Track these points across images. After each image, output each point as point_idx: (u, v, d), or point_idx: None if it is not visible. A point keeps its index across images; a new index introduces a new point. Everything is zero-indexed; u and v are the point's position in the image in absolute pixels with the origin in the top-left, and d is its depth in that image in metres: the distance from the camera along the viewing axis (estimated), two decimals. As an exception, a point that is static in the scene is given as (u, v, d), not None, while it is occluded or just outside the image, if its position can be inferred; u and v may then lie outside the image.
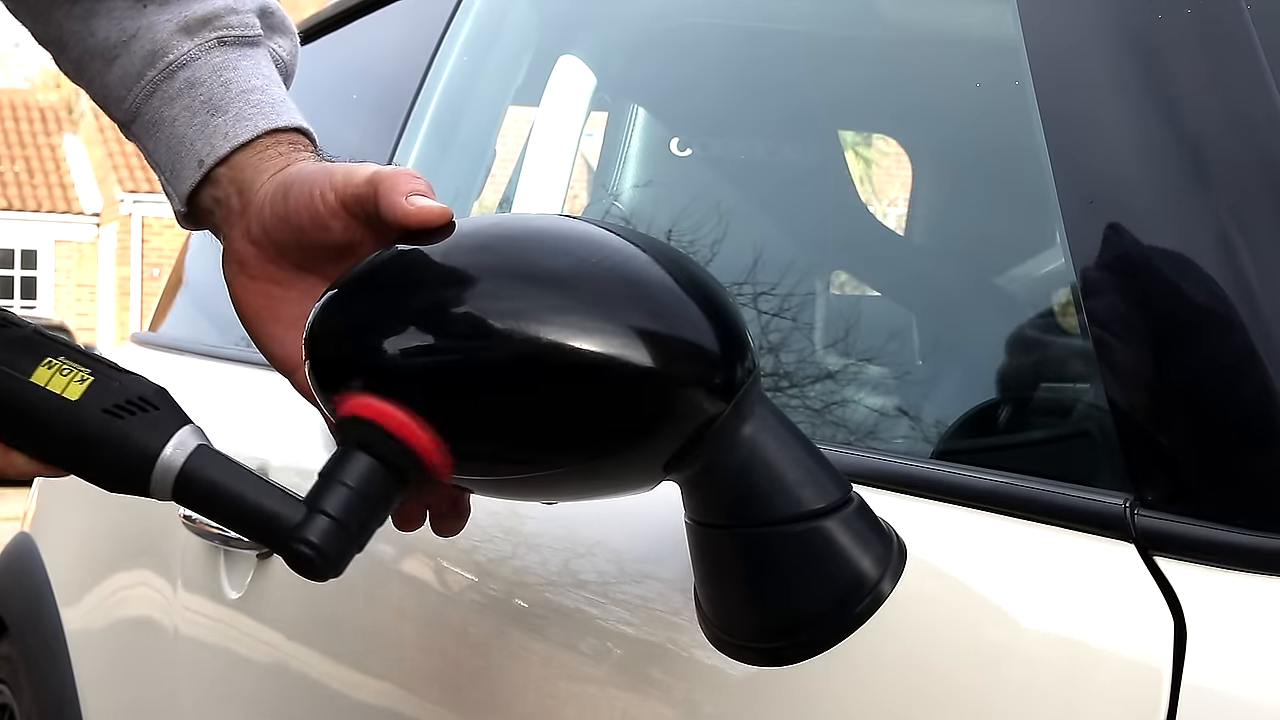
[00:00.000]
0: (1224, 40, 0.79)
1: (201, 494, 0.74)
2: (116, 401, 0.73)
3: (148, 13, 0.92)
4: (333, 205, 0.84)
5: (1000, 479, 0.81)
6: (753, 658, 0.82)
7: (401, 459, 0.73)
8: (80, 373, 0.74)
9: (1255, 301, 0.73)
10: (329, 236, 0.84)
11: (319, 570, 0.72)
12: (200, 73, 0.91)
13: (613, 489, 0.80)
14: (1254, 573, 0.67)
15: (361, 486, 0.72)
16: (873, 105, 1.76)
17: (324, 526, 0.72)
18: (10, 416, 0.74)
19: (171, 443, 0.74)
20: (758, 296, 1.19)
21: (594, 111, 1.69)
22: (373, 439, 0.73)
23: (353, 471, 0.73)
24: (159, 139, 0.92)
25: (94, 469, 0.74)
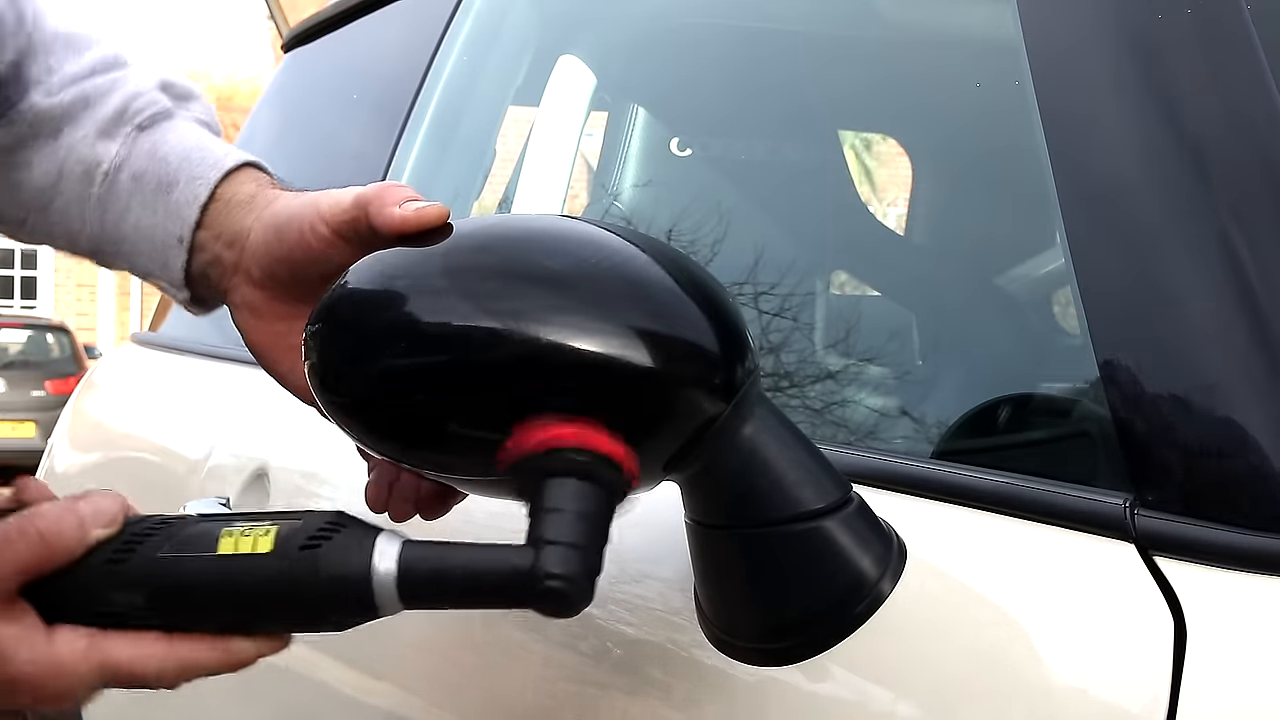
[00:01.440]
0: (1224, 40, 0.79)
1: (428, 587, 0.70)
2: (308, 534, 0.71)
3: (62, 141, 0.93)
4: (326, 236, 0.84)
5: (1000, 479, 0.81)
6: (753, 658, 0.82)
7: (603, 470, 0.70)
8: (261, 528, 0.72)
9: (1255, 301, 0.73)
10: (328, 266, 0.84)
11: (573, 600, 0.67)
12: (137, 164, 0.92)
13: (613, 489, 0.80)
14: (1254, 573, 0.67)
15: (575, 506, 0.68)
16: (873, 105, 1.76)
17: (559, 555, 0.67)
18: (217, 596, 0.71)
19: (375, 552, 0.70)
20: (758, 296, 1.19)
21: (594, 111, 1.69)
22: (562, 463, 0.69)
23: (559, 497, 0.69)
24: (134, 245, 0.93)
25: (315, 612, 0.71)
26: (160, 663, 0.72)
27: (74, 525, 0.72)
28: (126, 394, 2.30)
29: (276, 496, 1.48)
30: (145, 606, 0.72)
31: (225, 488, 1.59)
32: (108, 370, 2.50)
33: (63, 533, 0.72)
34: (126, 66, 0.97)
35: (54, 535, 0.71)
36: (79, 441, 2.35)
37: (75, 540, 0.72)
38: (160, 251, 0.91)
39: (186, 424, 1.89)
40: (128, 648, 0.72)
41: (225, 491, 1.59)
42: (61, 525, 0.72)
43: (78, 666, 0.71)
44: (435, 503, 0.87)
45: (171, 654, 0.72)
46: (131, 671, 0.72)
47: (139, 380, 2.28)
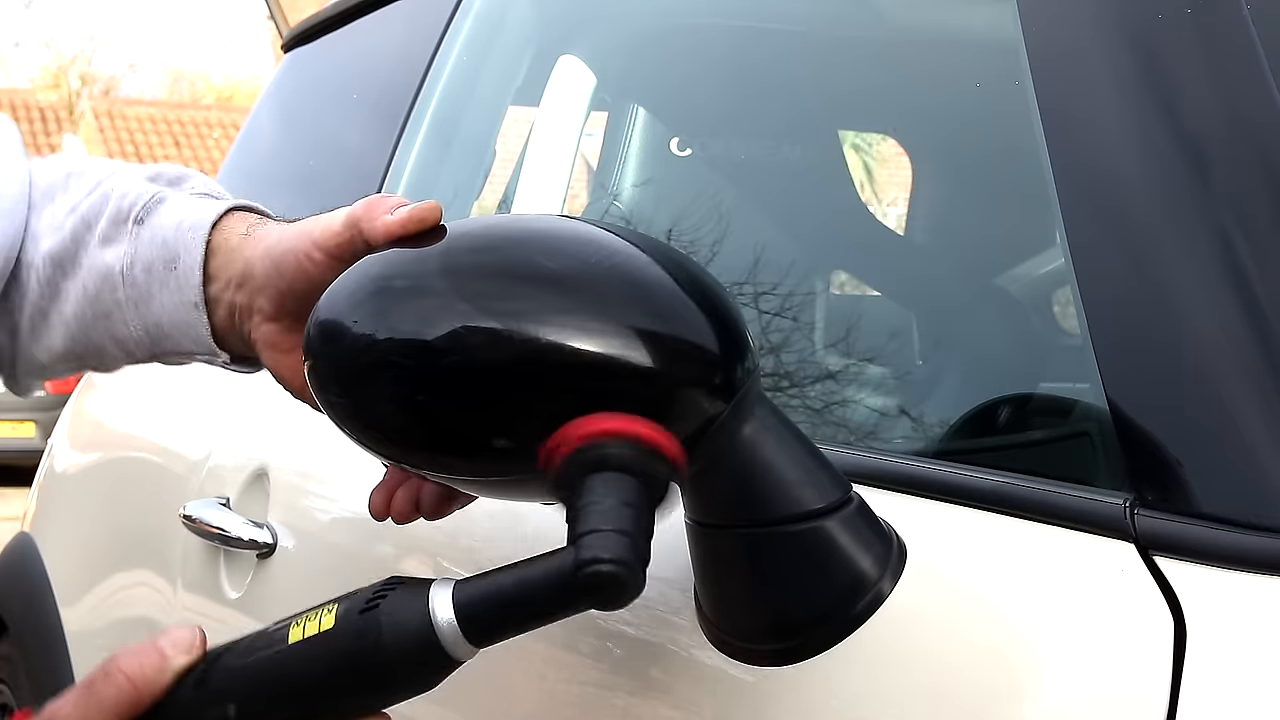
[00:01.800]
0: (1224, 40, 0.79)
1: (489, 619, 0.70)
2: (365, 601, 0.71)
3: (80, 266, 0.96)
4: (322, 261, 0.85)
5: (1000, 479, 0.81)
6: (753, 658, 0.82)
7: (644, 461, 0.68)
8: (322, 608, 0.72)
9: (1255, 301, 0.73)
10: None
11: (623, 580, 0.64)
12: (145, 255, 0.94)
13: (612, 489, 0.80)
14: (1254, 573, 0.67)
15: (615, 497, 0.66)
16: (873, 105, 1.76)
17: (600, 540, 0.65)
18: (297, 684, 0.71)
19: (430, 600, 0.70)
20: (758, 296, 1.19)
21: (594, 111, 1.69)
22: (600, 457, 0.68)
23: (597, 492, 0.66)
24: (170, 330, 0.95)
25: (392, 673, 0.70)
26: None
27: (156, 660, 0.72)
28: (126, 394, 2.30)
29: (276, 496, 1.48)
30: (238, 717, 0.72)
31: (225, 488, 1.59)
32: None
33: (145, 670, 0.72)
34: (113, 175, 1.00)
35: (138, 674, 0.71)
36: (79, 441, 2.35)
37: (159, 674, 0.72)
38: (189, 326, 0.93)
39: (186, 424, 1.89)
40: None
41: (225, 491, 1.59)
42: (144, 663, 0.72)
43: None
44: (438, 505, 0.87)
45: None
46: None
47: (139, 380, 2.28)
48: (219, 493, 1.60)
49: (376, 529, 1.34)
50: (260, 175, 2.34)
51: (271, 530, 1.45)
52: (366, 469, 0.91)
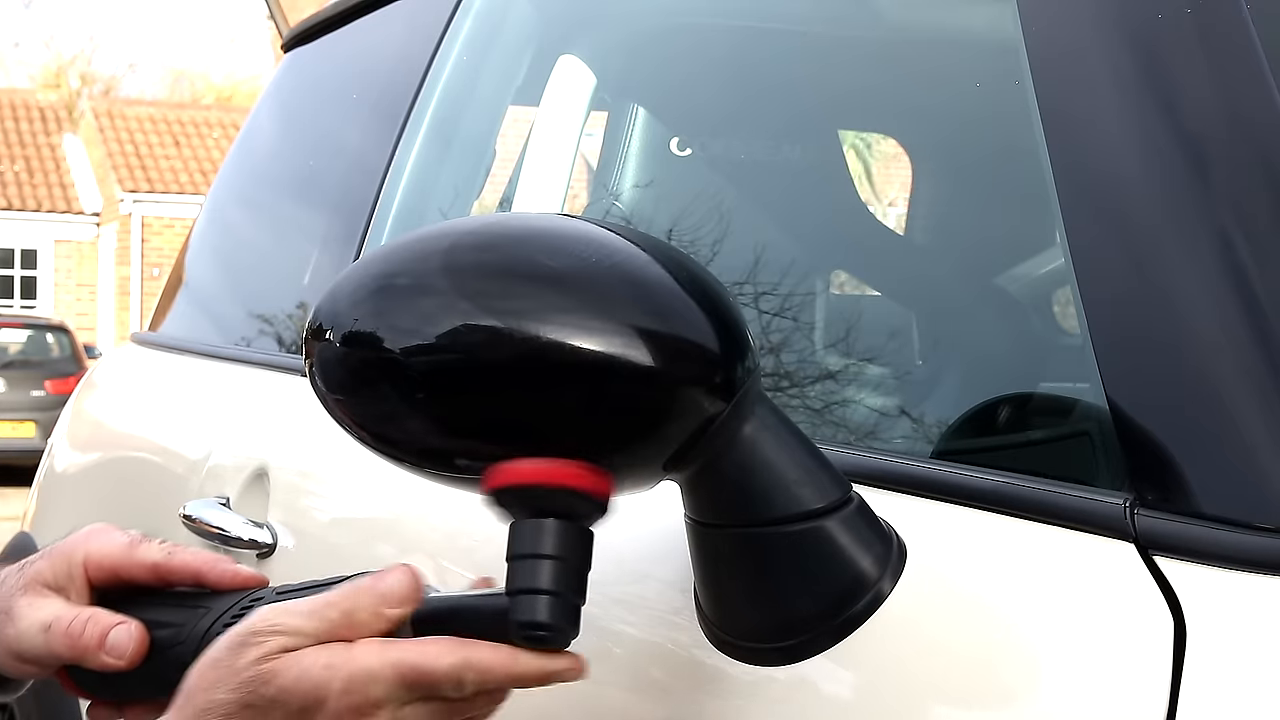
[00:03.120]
0: (1224, 40, 0.79)
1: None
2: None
3: None
4: (25, 669, 0.92)
5: (1000, 479, 0.81)
6: (752, 657, 0.82)
7: (574, 503, 0.73)
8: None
9: (1255, 301, 0.73)
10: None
11: (553, 642, 0.74)
12: None
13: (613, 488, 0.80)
14: (1254, 573, 0.67)
15: (547, 549, 0.73)
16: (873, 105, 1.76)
17: (531, 605, 0.73)
18: None
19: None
20: (758, 296, 1.19)
21: (594, 111, 1.69)
22: (533, 500, 0.73)
23: (529, 541, 0.73)
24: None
25: None
26: (450, 661, 0.74)
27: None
28: (126, 394, 2.30)
29: (276, 496, 1.48)
30: None
31: (225, 488, 1.59)
32: (108, 370, 2.50)
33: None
34: None
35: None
36: (79, 441, 2.35)
37: (375, 620, 0.76)
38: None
39: (186, 424, 1.89)
40: (415, 649, 0.74)
41: (225, 491, 1.59)
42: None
43: (376, 667, 0.73)
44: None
45: (459, 652, 0.74)
46: (423, 668, 0.73)
47: (139, 380, 2.28)
48: (219, 493, 1.60)
49: (376, 529, 1.34)
50: (260, 175, 2.34)
51: (271, 530, 1.45)
52: (366, 469, 0.91)
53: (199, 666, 0.76)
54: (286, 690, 0.73)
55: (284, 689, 0.73)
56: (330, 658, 0.74)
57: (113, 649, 0.86)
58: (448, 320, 0.72)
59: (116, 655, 0.86)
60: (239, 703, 0.73)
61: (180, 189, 20.92)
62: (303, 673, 0.73)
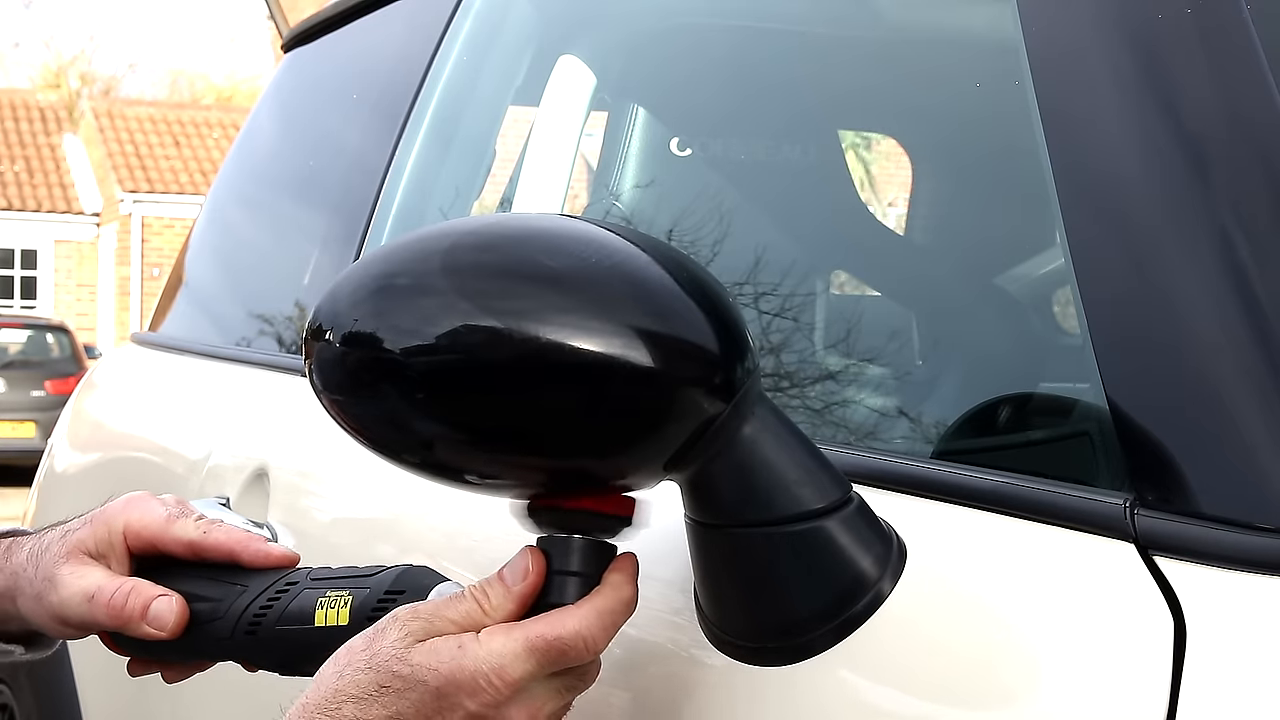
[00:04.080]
0: (1224, 40, 0.79)
1: None
2: (372, 606, 0.83)
3: None
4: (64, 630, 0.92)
5: (1000, 479, 0.81)
6: (753, 657, 0.82)
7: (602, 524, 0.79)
8: (342, 598, 0.85)
9: (1255, 301, 0.73)
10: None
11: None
12: None
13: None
14: (1254, 573, 0.67)
15: (573, 565, 0.79)
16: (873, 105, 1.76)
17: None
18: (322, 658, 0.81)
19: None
20: (758, 296, 1.19)
21: (594, 111, 1.69)
22: (569, 519, 0.78)
23: (557, 556, 0.79)
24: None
25: None
26: (577, 621, 0.76)
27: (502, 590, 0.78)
28: (126, 394, 2.30)
29: (276, 496, 1.48)
30: (279, 667, 0.89)
31: (225, 488, 1.59)
32: (108, 370, 2.50)
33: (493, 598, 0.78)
34: None
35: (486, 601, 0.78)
36: (79, 441, 2.35)
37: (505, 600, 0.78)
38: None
39: (186, 424, 1.89)
40: (539, 621, 0.76)
41: (225, 491, 1.59)
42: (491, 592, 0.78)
43: (509, 645, 0.75)
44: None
45: (580, 610, 0.76)
46: (551, 635, 0.75)
47: (139, 380, 2.28)
48: (219, 493, 1.60)
49: (376, 529, 1.34)
50: (260, 175, 2.34)
51: (271, 530, 1.45)
52: (366, 469, 0.91)
53: (336, 654, 0.78)
54: (422, 668, 0.74)
55: (419, 667, 0.74)
56: (462, 640, 0.75)
57: (154, 620, 0.89)
58: (448, 320, 0.72)
59: (158, 626, 0.89)
60: (375, 683, 0.75)
61: (180, 189, 20.92)
62: (434, 653, 0.75)
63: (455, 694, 0.74)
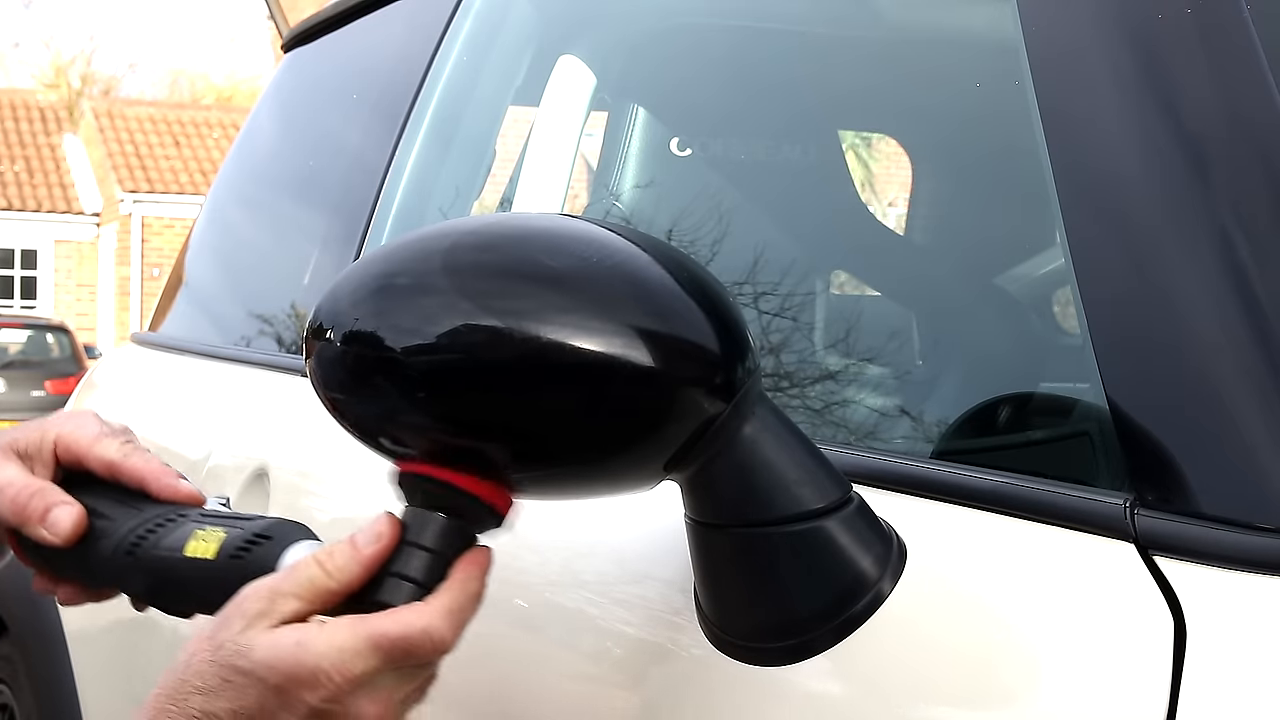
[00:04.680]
0: (1224, 40, 0.79)
1: None
2: (239, 545, 0.83)
3: None
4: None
5: (1000, 479, 0.81)
6: (753, 657, 0.82)
7: (468, 507, 0.77)
8: (216, 533, 0.85)
9: (1255, 301, 0.73)
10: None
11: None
12: None
13: (613, 488, 0.80)
14: (1254, 573, 0.67)
15: (441, 547, 0.77)
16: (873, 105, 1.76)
17: (397, 590, 0.76)
18: (184, 591, 0.85)
19: (280, 564, 0.81)
20: (758, 296, 1.19)
21: (594, 111, 1.69)
22: (439, 495, 0.77)
23: (413, 527, 0.77)
24: None
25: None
26: (424, 619, 0.75)
27: (348, 551, 0.77)
28: (126, 394, 2.30)
29: (276, 496, 1.48)
30: (146, 593, 0.87)
31: (225, 487, 1.59)
32: (108, 370, 2.50)
33: (337, 559, 0.77)
34: None
35: (329, 563, 0.77)
36: (79, 441, 2.34)
37: (351, 563, 0.77)
38: None
39: (186, 424, 1.89)
40: (386, 616, 0.75)
41: (225, 491, 1.59)
42: (335, 552, 0.77)
43: (350, 642, 0.74)
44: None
45: (427, 609, 0.75)
46: (395, 633, 0.74)
47: (139, 380, 2.28)
48: (219, 493, 1.59)
49: (376, 529, 1.34)
50: (260, 175, 2.34)
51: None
52: (366, 469, 0.91)
53: (187, 642, 0.77)
54: (261, 666, 0.73)
55: (259, 665, 0.73)
56: (301, 635, 0.74)
57: (51, 524, 0.90)
58: (448, 320, 0.72)
59: (53, 531, 0.89)
60: (218, 676, 0.74)
61: (180, 189, 20.93)
62: (274, 648, 0.74)
63: (296, 690, 0.73)
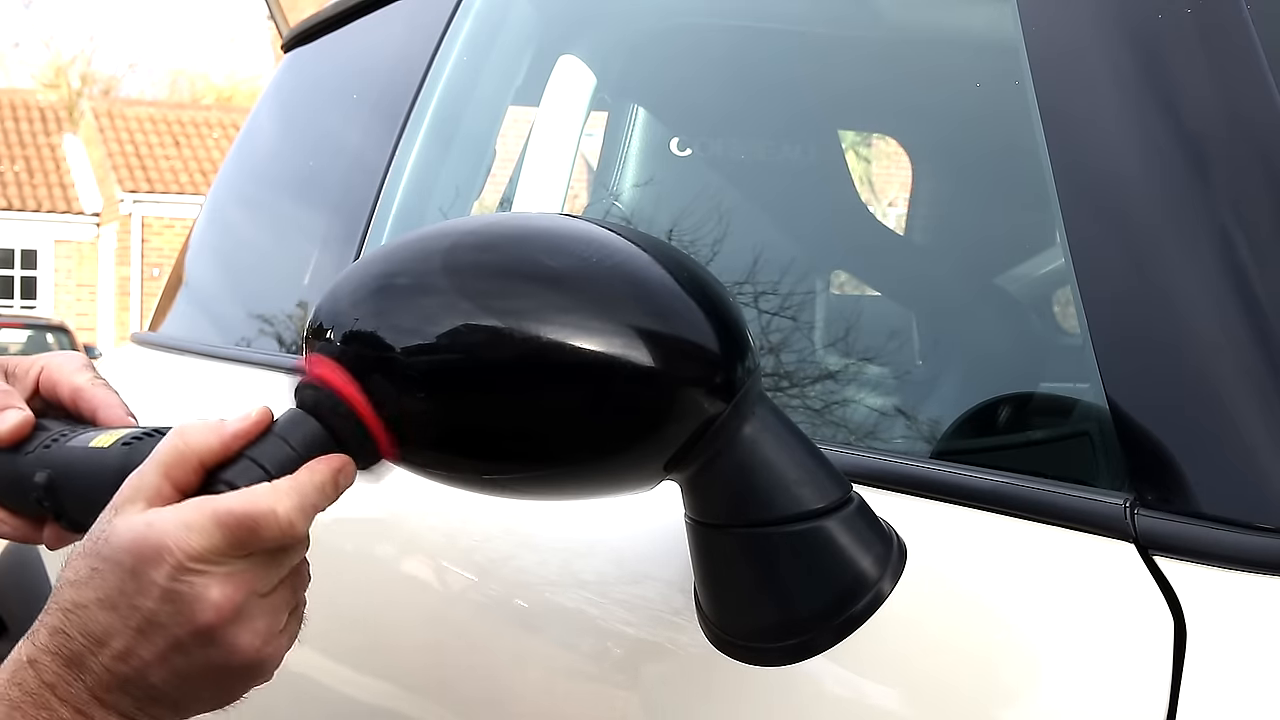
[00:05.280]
0: (1224, 40, 0.79)
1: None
2: (133, 435, 0.86)
3: None
4: None
5: (1000, 479, 0.81)
6: (753, 657, 0.82)
7: (347, 429, 0.76)
8: (119, 434, 0.88)
9: (1255, 301, 0.73)
10: None
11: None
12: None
13: (613, 488, 0.80)
14: (1254, 573, 0.68)
15: (303, 449, 0.77)
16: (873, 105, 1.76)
17: (252, 475, 0.76)
18: (77, 481, 0.88)
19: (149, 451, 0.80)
20: (758, 296, 1.19)
21: (594, 111, 1.69)
22: (325, 405, 0.76)
23: (282, 423, 0.78)
24: None
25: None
26: (270, 498, 0.75)
27: (214, 426, 0.79)
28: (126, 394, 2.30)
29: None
30: (46, 487, 0.90)
31: (225, 487, 1.59)
32: (108, 370, 2.50)
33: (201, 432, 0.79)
34: None
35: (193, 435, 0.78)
36: (79, 441, 2.34)
37: (210, 434, 0.78)
38: None
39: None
40: (235, 495, 0.75)
41: (225, 491, 1.58)
42: (203, 428, 0.79)
43: (194, 518, 0.74)
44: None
45: (274, 490, 0.75)
46: (241, 510, 0.74)
47: (139, 380, 2.28)
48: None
49: (376, 529, 1.34)
50: (260, 175, 2.34)
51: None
52: (367, 469, 0.91)
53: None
54: (118, 550, 0.74)
55: (116, 549, 0.74)
56: (151, 516, 0.75)
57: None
58: (448, 320, 0.72)
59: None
60: (88, 567, 0.75)
61: (180, 189, 20.93)
62: (129, 530, 0.74)
63: (145, 569, 0.73)
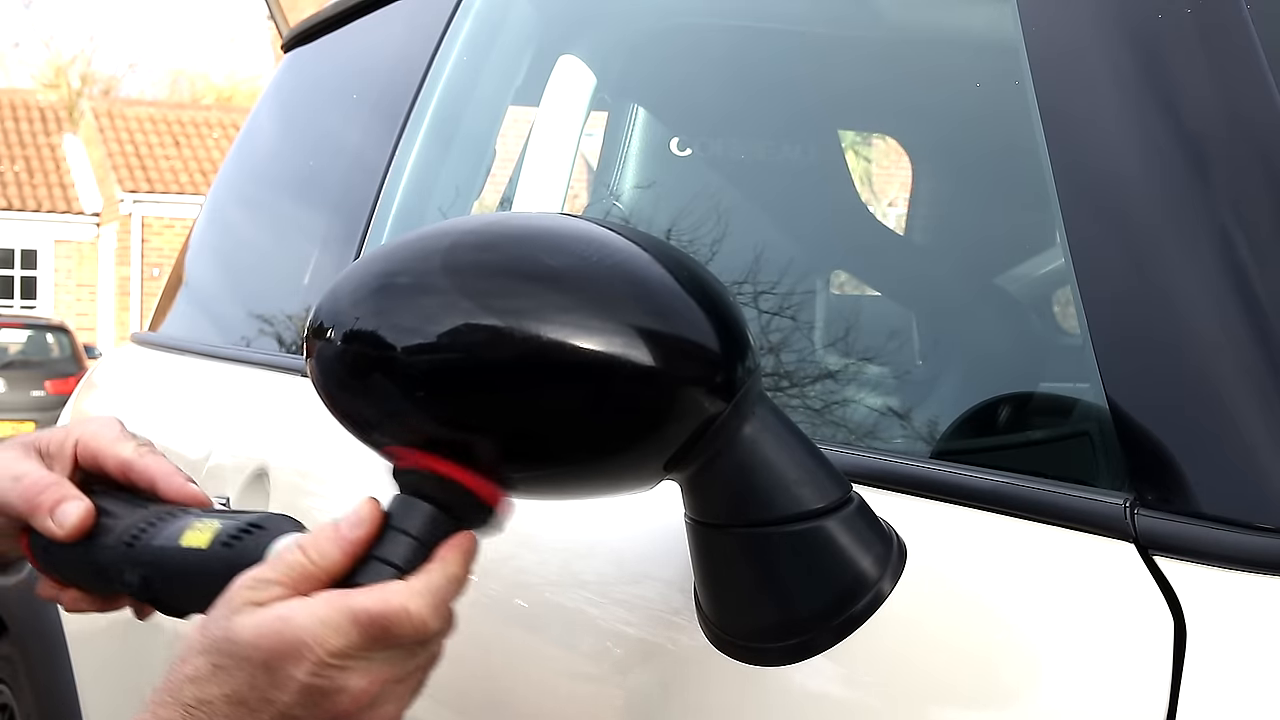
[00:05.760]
0: (1224, 40, 0.79)
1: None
2: (231, 534, 0.84)
3: None
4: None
5: (1000, 479, 0.81)
6: (753, 657, 0.82)
7: (455, 499, 0.76)
8: (211, 524, 0.86)
9: (1256, 301, 0.73)
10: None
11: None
12: None
13: (613, 488, 0.80)
14: (1254, 573, 0.67)
15: (424, 536, 0.77)
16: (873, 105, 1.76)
17: (384, 575, 0.76)
18: (177, 582, 0.86)
19: (268, 553, 0.81)
20: (758, 296, 1.19)
21: (594, 111, 1.69)
22: (429, 484, 0.76)
23: (397, 515, 0.77)
24: None
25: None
26: (403, 597, 0.74)
27: (331, 535, 0.78)
28: (126, 394, 2.30)
29: (276, 496, 1.48)
30: (141, 585, 0.88)
31: (225, 488, 1.59)
32: (108, 370, 2.50)
33: (321, 545, 0.77)
34: None
35: (314, 549, 0.77)
36: (79, 441, 2.34)
37: (333, 546, 0.77)
38: None
39: (186, 424, 1.89)
40: (368, 591, 0.75)
41: (225, 491, 1.59)
42: (320, 539, 0.77)
43: (330, 615, 0.73)
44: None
45: (407, 587, 0.75)
46: (377, 610, 0.74)
47: (139, 380, 2.28)
48: (219, 493, 1.60)
49: (376, 529, 1.34)
50: (260, 175, 2.34)
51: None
52: (367, 468, 0.91)
53: (185, 637, 0.77)
54: (247, 645, 0.73)
55: (244, 645, 0.74)
56: (283, 611, 0.74)
57: (59, 516, 0.90)
58: (449, 319, 0.72)
59: (59, 523, 0.90)
60: (209, 664, 0.74)
61: (180, 189, 20.93)
62: (258, 626, 0.74)
63: (282, 665, 0.73)
